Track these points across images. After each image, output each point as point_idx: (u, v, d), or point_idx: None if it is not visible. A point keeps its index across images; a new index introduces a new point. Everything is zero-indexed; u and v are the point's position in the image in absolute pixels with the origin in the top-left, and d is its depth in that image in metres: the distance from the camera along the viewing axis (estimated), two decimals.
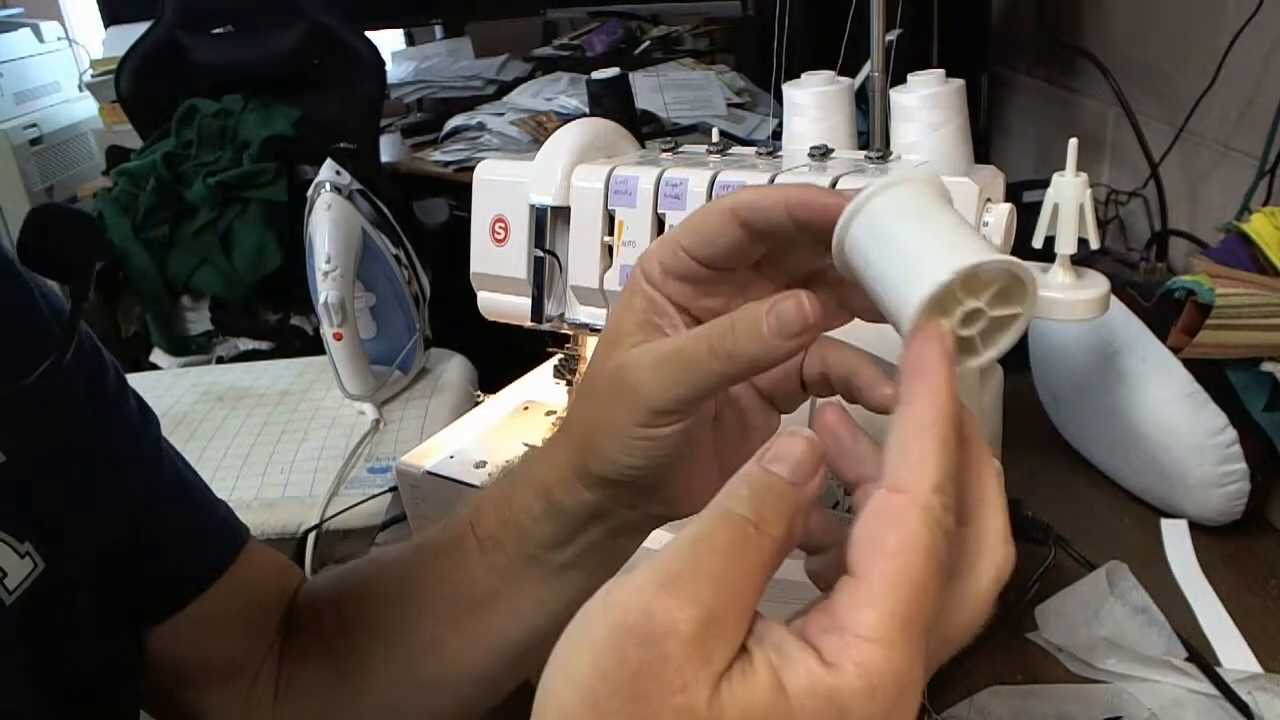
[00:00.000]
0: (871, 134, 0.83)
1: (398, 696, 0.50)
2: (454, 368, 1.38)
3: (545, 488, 0.42)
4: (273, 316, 1.75)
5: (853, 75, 0.71)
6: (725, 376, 0.35)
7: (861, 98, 0.74)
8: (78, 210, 0.48)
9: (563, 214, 0.64)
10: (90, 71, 2.41)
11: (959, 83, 0.63)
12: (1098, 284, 0.63)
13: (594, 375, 0.39)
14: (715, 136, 0.67)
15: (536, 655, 0.46)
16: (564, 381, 0.76)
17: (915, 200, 0.33)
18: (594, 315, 0.66)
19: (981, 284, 0.31)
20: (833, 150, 0.61)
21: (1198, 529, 0.74)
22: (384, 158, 1.98)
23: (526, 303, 0.67)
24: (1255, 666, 0.62)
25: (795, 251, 0.38)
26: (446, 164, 1.83)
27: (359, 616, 0.51)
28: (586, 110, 1.25)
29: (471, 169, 0.69)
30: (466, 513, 0.47)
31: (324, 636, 0.53)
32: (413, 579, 0.49)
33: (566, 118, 1.73)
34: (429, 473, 0.69)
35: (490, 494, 0.46)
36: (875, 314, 0.34)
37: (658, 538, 0.41)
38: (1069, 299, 0.62)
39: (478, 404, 0.79)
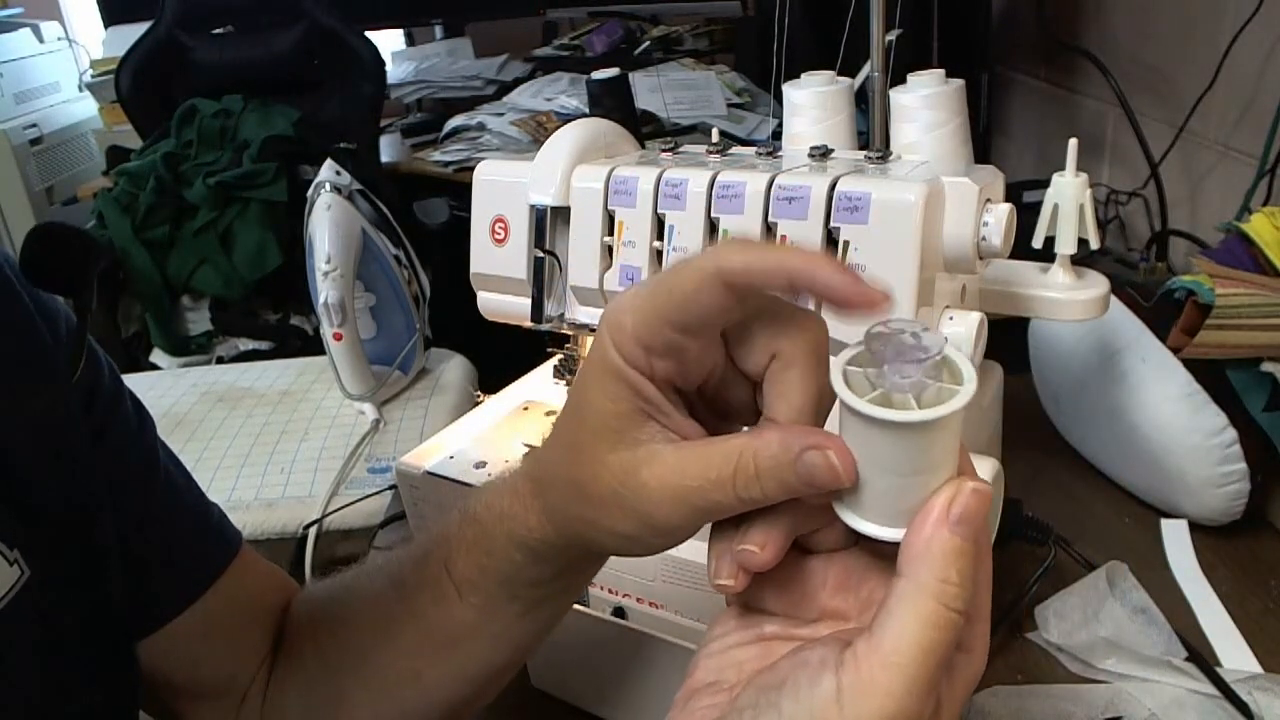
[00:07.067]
0: (871, 134, 0.83)
1: None
2: (454, 368, 1.38)
3: (524, 543, 0.42)
4: (273, 316, 1.75)
5: (853, 75, 0.71)
6: (738, 510, 0.34)
7: (861, 98, 0.74)
8: (72, 226, 0.49)
9: (563, 214, 0.64)
10: (90, 72, 2.41)
11: (959, 83, 0.63)
12: (1098, 284, 0.63)
13: (589, 472, 0.36)
14: (715, 136, 0.67)
15: (512, 671, 0.50)
16: (564, 382, 0.76)
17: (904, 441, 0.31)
18: (594, 315, 0.66)
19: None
20: (833, 150, 0.61)
21: (1198, 529, 0.74)
22: (384, 158, 1.98)
23: (526, 303, 0.67)
24: (1255, 666, 0.62)
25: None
26: (446, 164, 1.83)
27: (336, 651, 0.51)
28: (586, 110, 1.25)
29: (471, 169, 0.69)
30: (439, 553, 0.46)
31: (304, 668, 0.53)
32: (390, 616, 0.49)
33: (566, 118, 1.73)
34: (429, 473, 0.69)
35: (463, 538, 0.45)
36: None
37: None
38: (1069, 299, 0.62)
39: (478, 404, 0.78)
